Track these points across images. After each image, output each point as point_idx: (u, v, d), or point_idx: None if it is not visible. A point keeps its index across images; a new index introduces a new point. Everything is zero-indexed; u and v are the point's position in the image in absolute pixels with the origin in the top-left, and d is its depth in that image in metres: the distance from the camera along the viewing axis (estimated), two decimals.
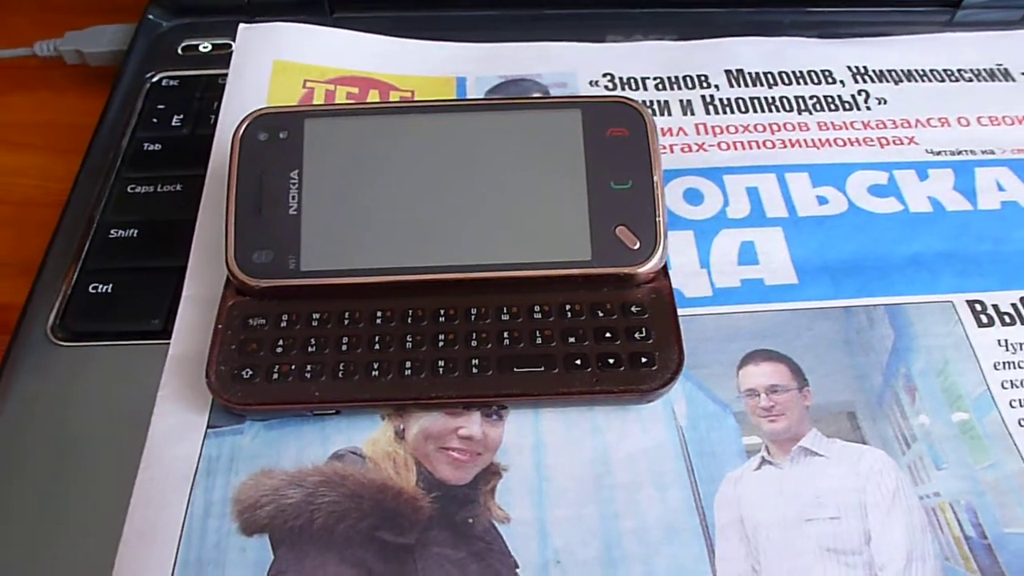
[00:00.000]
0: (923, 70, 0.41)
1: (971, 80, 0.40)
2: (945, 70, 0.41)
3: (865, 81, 0.40)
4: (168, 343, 0.31)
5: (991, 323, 0.32)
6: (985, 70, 0.41)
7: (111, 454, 0.30)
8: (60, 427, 0.31)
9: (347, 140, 0.32)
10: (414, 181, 0.31)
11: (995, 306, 0.32)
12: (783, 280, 0.33)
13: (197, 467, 0.29)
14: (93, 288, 0.34)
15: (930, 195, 0.36)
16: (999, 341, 0.32)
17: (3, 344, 0.33)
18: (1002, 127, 0.38)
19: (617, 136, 0.32)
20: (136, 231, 0.36)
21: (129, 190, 0.37)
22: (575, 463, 0.29)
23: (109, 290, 0.34)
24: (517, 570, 0.27)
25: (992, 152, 0.37)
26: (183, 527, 0.27)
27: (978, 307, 0.32)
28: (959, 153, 0.37)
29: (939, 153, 0.37)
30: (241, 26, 0.40)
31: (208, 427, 0.29)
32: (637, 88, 0.40)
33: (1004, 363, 0.31)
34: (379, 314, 0.30)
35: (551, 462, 0.29)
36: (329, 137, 0.32)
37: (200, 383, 0.29)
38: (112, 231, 0.36)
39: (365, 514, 0.27)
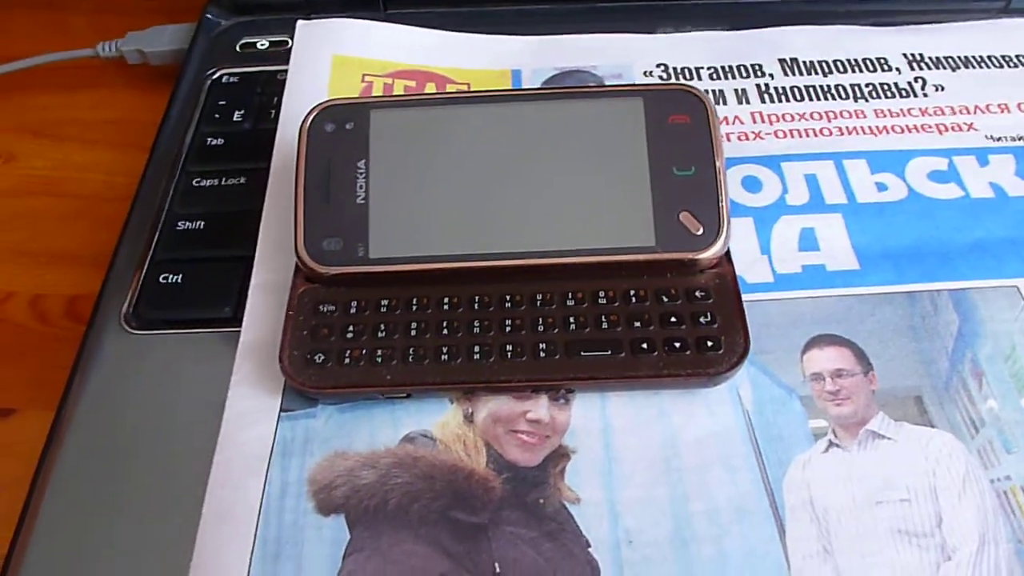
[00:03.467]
0: (980, 56, 0.40)
1: None
2: (1003, 56, 0.40)
3: (921, 68, 0.40)
4: (238, 330, 0.32)
5: None
6: None
7: (186, 437, 0.30)
8: (136, 412, 0.32)
9: (412, 130, 0.32)
10: (479, 169, 0.32)
11: None
12: (844, 266, 0.33)
13: (272, 449, 0.29)
14: (164, 278, 0.35)
15: (991, 181, 0.36)
16: None
17: (79, 333, 0.34)
18: None
19: (679, 123, 0.32)
20: (203, 223, 0.36)
21: (195, 183, 0.38)
22: (643, 446, 0.29)
23: (179, 280, 0.35)
24: (590, 549, 0.27)
25: None
26: (260, 507, 0.28)
27: None
28: (1020, 139, 0.37)
29: (999, 139, 0.37)
30: (300, 22, 0.41)
31: (281, 410, 0.30)
32: (691, 78, 0.40)
33: None
34: (446, 300, 0.31)
35: (619, 444, 0.29)
36: (394, 127, 0.32)
37: (272, 368, 0.30)
38: (180, 223, 0.36)
39: (438, 495, 0.28)
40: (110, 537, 0.29)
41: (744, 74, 0.40)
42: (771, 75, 0.40)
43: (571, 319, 0.30)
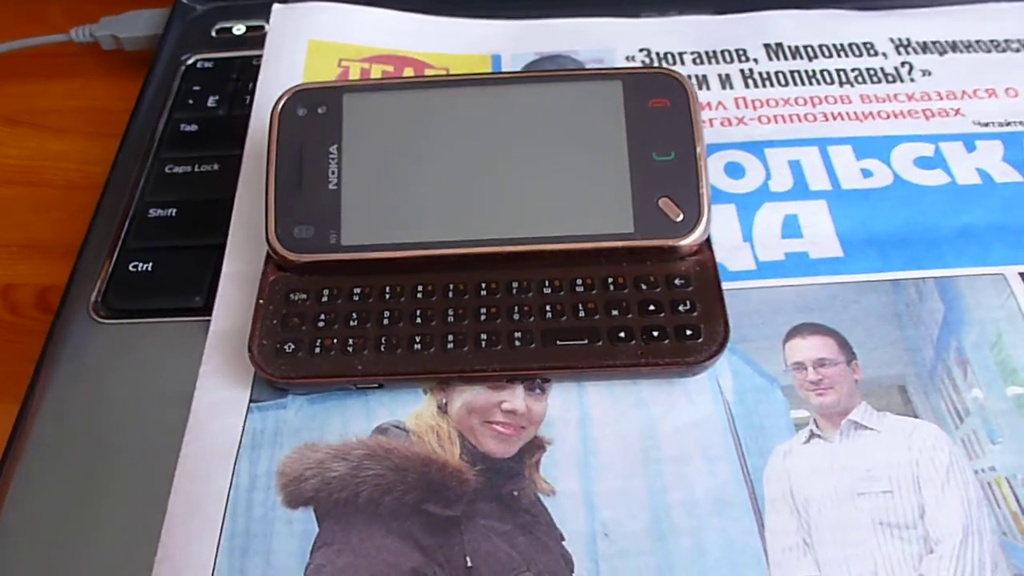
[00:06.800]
0: (968, 41, 0.40)
1: (1018, 50, 0.39)
2: (991, 40, 0.40)
3: (908, 53, 0.39)
4: (209, 319, 0.31)
5: None
6: None
7: (154, 428, 0.30)
8: (104, 403, 0.31)
9: (386, 114, 0.32)
10: (454, 154, 0.31)
11: None
12: (828, 253, 0.33)
13: (241, 440, 0.29)
14: (134, 266, 0.34)
15: (978, 167, 0.35)
16: None
17: (49, 324, 0.33)
18: None
19: (659, 107, 0.31)
20: (175, 210, 0.36)
21: (167, 170, 0.37)
22: (621, 436, 0.28)
23: (149, 268, 0.34)
24: (564, 542, 0.26)
25: None
26: (228, 499, 0.27)
27: None
28: (1008, 124, 0.36)
29: (987, 125, 0.36)
30: (275, 6, 0.40)
31: (251, 401, 0.30)
32: (674, 63, 0.39)
33: None
34: (420, 288, 0.30)
35: (597, 435, 0.28)
36: (368, 112, 0.32)
37: (242, 358, 0.29)
38: (151, 210, 0.36)
39: (411, 487, 0.27)
40: (76, 530, 0.28)
41: (728, 59, 0.39)
42: (755, 60, 0.39)
43: (548, 307, 0.29)
